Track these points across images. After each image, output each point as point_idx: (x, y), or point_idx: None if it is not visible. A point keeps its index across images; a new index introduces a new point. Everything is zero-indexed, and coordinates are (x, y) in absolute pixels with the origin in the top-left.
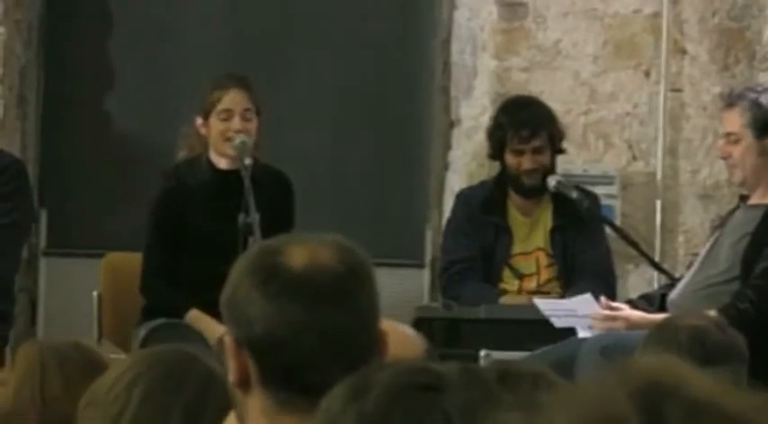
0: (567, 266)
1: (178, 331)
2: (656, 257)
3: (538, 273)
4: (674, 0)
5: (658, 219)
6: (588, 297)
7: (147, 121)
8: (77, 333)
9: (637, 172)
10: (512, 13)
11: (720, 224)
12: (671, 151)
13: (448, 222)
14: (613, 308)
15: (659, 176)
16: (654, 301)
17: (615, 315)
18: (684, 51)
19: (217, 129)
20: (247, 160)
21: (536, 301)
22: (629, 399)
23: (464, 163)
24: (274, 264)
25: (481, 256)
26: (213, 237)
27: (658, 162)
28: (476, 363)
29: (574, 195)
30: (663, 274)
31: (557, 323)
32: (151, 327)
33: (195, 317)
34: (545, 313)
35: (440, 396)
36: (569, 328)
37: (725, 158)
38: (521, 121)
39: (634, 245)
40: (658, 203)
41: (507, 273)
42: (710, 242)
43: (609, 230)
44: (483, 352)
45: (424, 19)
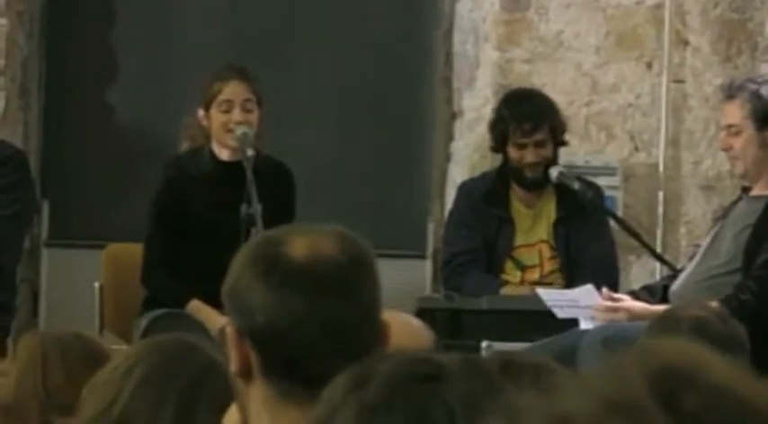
0: (570, 258)
1: (179, 322)
2: (658, 248)
3: (541, 265)
4: None
5: (660, 210)
6: (590, 288)
7: (149, 113)
8: (79, 324)
9: (639, 164)
10: (514, 5)
11: (722, 215)
12: (673, 142)
13: (450, 213)
14: (615, 299)
15: (661, 167)
16: (656, 292)
17: (617, 306)
18: (687, 42)
19: (218, 121)
20: (249, 151)
21: (539, 291)
22: (645, 383)
23: (466, 155)
24: (276, 254)
25: (484, 248)
26: (215, 228)
27: (660, 153)
28: (478, 354)
29: (576, 186)
30: (665, 265)
31: (559, 314)
32: (152, 317)
33: (197, 308)
34: (547, 303)
35: (441, 386)
36: (571, 319)
37: (726, 150)
38: (523, 114)
39: (636, 236)
40: (660, 194)
41: (510, 265)
42: (712, 233)
43: (611, 221)
44: (485, 343)
45: (427, 10)
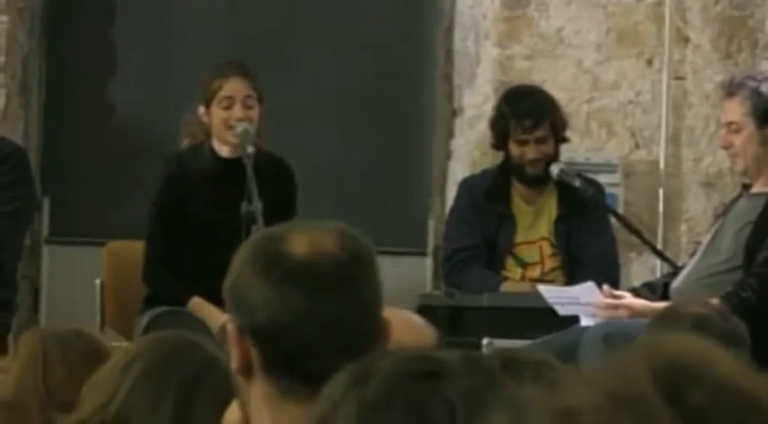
0: (571, 256)
1: (180, 319)
2: (659, 245)
3: (542, 262)
4: None
5: (661, 207)
6: (591, 285)
7: (150, 110)
8: (80, 321)
9: (639, 161)
10: (514, 1)
11: (723, 212)
12: (674, 139)
13: (451, 210)
14: (616, 296)
15: (662, 164)
16: (656, 289)
17: (618, 303)
18: (687, 39)
19: (219, 117)
20: (250, 148)
21: (540, 288)
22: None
23: (467, 152)
24: (277, 251)
25: (484, 244)
26: (215, 225)
27: (661, 150)
28: (478, 351)
29: (576, 183)
30: (665, 262)
31: (560, 311)
32: (153, 315)
33: (197, 305)
34: (548, 300)
35: (442, 383)
36: (572, 316)
37: (726, 148)
38: (523, 111)
39: (637, 233)
40: (661, 191)
41: (510, 262)
42: (713, 230)
43: (612, 218)
44: (485, 340)
45: (427, 8)
